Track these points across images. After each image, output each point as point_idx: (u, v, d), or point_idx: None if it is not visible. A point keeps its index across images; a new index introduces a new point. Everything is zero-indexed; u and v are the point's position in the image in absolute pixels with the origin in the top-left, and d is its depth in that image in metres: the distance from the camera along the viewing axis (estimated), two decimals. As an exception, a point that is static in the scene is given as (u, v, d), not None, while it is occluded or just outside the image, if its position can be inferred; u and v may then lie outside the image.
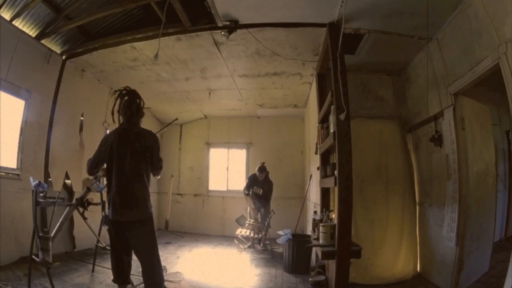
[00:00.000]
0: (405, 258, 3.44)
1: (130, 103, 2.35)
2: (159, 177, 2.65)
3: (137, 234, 2.25)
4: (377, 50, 3.48)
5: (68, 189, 4.39)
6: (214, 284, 3.42)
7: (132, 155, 2.24)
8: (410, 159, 3.75)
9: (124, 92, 2.38)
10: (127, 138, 2.27)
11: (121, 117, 2.36)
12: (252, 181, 5.51)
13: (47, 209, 3.65)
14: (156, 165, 2.39)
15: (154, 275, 2.28)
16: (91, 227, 3.47)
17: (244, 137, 7.17)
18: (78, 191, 4.28)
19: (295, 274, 3.83)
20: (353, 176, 2.53)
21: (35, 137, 3.86)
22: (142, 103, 2.45)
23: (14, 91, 3.53)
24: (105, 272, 3.46)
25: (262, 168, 5.42)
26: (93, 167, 2.33)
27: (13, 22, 3.39)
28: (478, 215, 2.88)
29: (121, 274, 2.30)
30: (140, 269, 2.36)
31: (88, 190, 2.95)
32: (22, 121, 3.67)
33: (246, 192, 5.49)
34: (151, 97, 5.59)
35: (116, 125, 2.41)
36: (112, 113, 2.35)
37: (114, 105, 2.35)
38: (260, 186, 5.42)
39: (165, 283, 3.13)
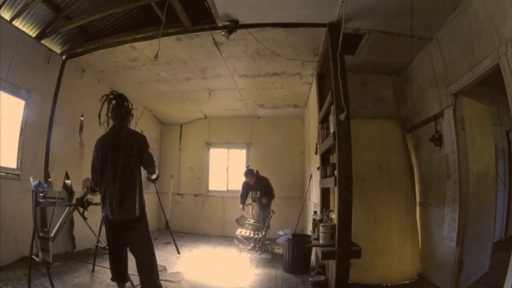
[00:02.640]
0: (408, 258, 3.43)
1: (119, 107, 2.47)
2: (155, 175, 2.71)
3: (132, 233, 2.35)
4: (377, 50, 3.48)
5: (68, 189, 4.39)
6: (214, 284, 3.42)
7: (124, 155, 2.34)
8: (410, 159, 3.75)
9: (111, 96, 2.50)
10: (119, 139, 2.38)
11: (110, 121, 2.48)
12: (247, 188, 5.40)
13: (47, 209, 3.65)
14: (148, 162, 2.49)
15: (149, 271, 2.38)
16: (91, 227, 3.47)
17: (244, 137, 7.16)
18: (78, 191, 4.28)
19: (295, 274, 3.83)
20: (354, 176, 2.53)
21: (35, 137, 3.86)
22: (130, 106, 2.58)
23: (14, 91, 3.53)
24: (105, 272, 3.46)
25: (248, 172, 5.31)
26: (96, 180, 2.42)
27: (13, 22, 3.39)
28: (478, 215, 2.88)
29: (119, 271, 2.41)
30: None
31: None
32: (22, 121, 3.67)
33: (241, 206, 5.37)
34: (151, 97, 5.59)
35: (102, 127, 2.57)
36: (99, 116, 2.47)
37: (101, 108, 2.48)
38: (255, 189, 5.32)
39: (166, 283, 3.14)
